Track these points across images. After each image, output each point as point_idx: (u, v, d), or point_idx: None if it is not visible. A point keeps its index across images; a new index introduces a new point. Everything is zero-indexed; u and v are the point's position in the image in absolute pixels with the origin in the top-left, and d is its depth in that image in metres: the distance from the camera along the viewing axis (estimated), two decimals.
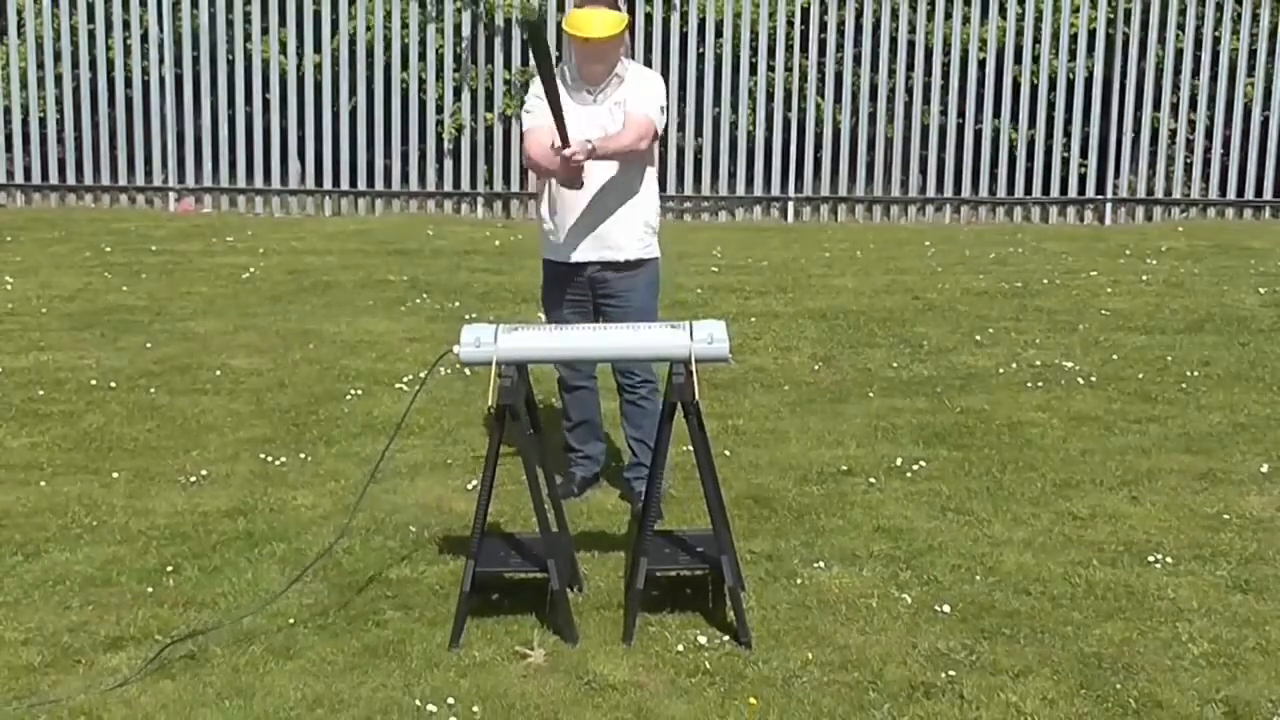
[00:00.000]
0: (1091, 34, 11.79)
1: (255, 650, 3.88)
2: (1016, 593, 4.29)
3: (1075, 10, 11.78)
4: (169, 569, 4.44)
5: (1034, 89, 11.87)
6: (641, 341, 4.01)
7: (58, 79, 12.04)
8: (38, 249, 10.00)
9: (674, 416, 3.97)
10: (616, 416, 5.18)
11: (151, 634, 3.97)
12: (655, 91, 4.75)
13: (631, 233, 4.81)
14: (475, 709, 3.57)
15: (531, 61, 11.72)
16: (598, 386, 5.15)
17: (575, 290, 4.85)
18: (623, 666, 3.79)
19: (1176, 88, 11.87)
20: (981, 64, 11.85)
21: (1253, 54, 11.80)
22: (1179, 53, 11.81)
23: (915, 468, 5.45)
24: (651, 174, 4.86)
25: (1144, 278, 9.26)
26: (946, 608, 4.16)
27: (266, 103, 12.03)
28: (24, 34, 12.06)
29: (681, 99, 11.89)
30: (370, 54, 11.90)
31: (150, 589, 4.29)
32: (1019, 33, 11.82)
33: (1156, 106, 11.86)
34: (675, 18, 11.75)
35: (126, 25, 11.95)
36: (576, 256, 4.81)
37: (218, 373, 6.78)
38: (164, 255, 9.84)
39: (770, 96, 11.89)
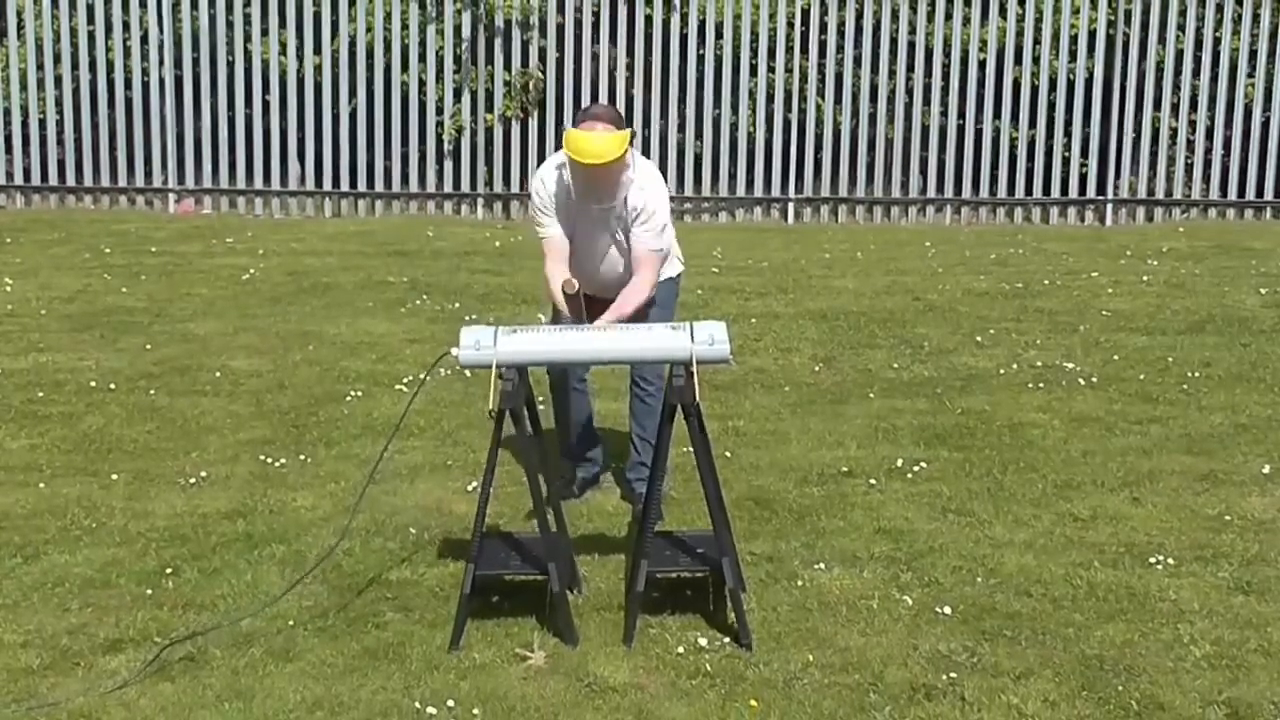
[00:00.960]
0: (1092, 35, 11.78)
1: (255, 652, 3.88)
2: (1018, 594, 4.28)
3: (1075, 11, 11.77)
4: (168, 571, 4.43)
5: (1034, 90, 11.87)
6: (642, 343, 4.01)
7: (57, 80, 12.03)
8: (37, 250, 10.00)
9: (674, 418, 3.97)
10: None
11: (151, 636, 3.97)
12: (658, 211, 4.65)
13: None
14: (475, 711, 3.57)
15: (532, 63, 11.81)
16: (591, 388, 5.14)
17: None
18: (623, 668, 3.79)
19: (1177, 88, 11.86)
20: (982, 65, 11.84)
21: (1253, 55, 11.80)
22: (1179, 53, 11.81)
23: (916, 469, 5.44)
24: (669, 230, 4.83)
25: (1145, 278, 9.25)
26: (947, 609, 4.15)
27: (266, 104, 12.03)
28: (24, 35, 12.05)
29: (682, 100, 11.89)
30: (370, 55, 11.90)
31: (150, 591, 4.29)
32: (1019, 33, 11.81)
33: (1157, 107, 11.85)
34: (675, 19, 11.75)
35: (126, 27, 11.94)
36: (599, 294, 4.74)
37: (217, 374, 6.77)
38: (164, 256, 9.84)
39: (770, 98, 11.88)
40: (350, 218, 12.04)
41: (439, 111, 12.00)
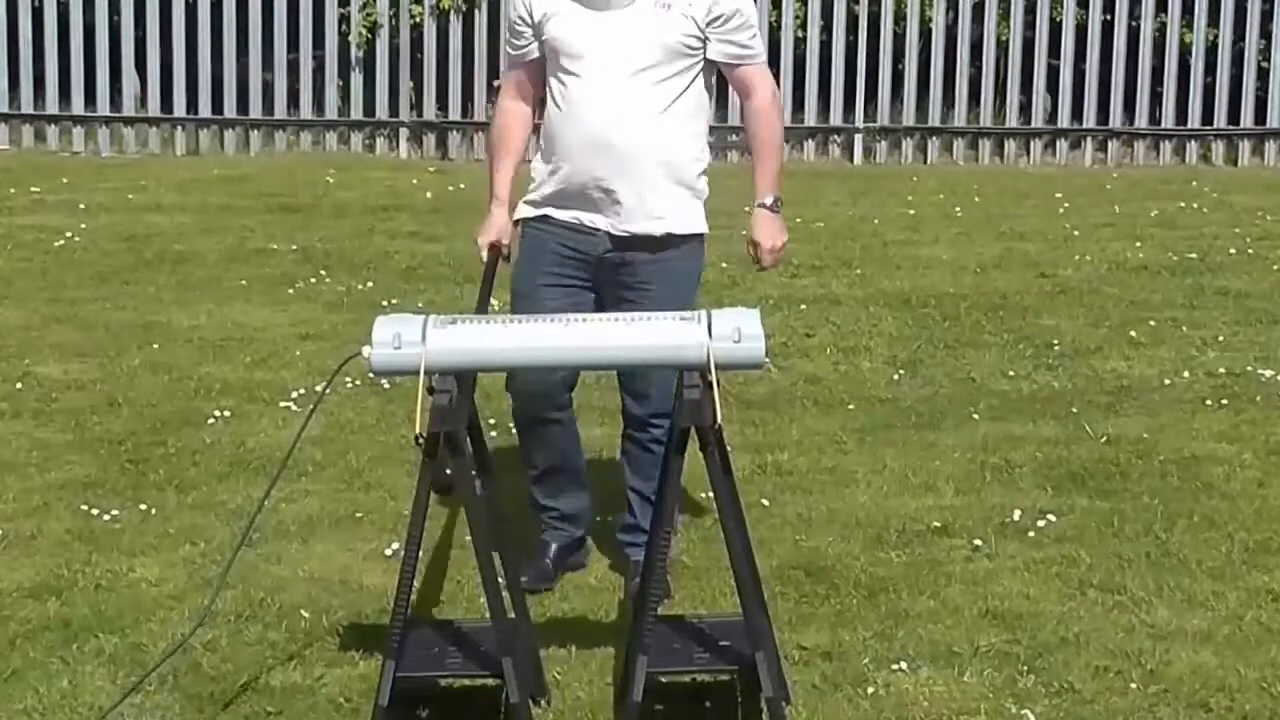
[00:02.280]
0: None
1: None
2: (1191, 708, 4.30)
3: None
4: None
5: None
6: (636, 339, 4.00)
7: None
8: None
9: (685, 448, 3.98)
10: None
11: None
12: (739, 10, 4.69)
13: (671, 192, 4.77)
14: None
15: None
16: (574, 418, 5.09)
17: (572, 270, 4.81)
18: None
19: None
20: None
21: None
22: None
23: (1041, 524, 5.46)
24: (704, 98, 4.80)
25: None
26: None
27: None
28: None
29: None
30: None
31: None
32: None
33: None
34: None
35: None
36: (587, 220, 4.75)
37: (18, 386, 6.79)
38: None
39: None
40: (213, 155, 12.06)
41: (343, 3, 12.02)
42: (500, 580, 4.09)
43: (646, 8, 4.60)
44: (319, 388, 4.80)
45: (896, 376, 7.05)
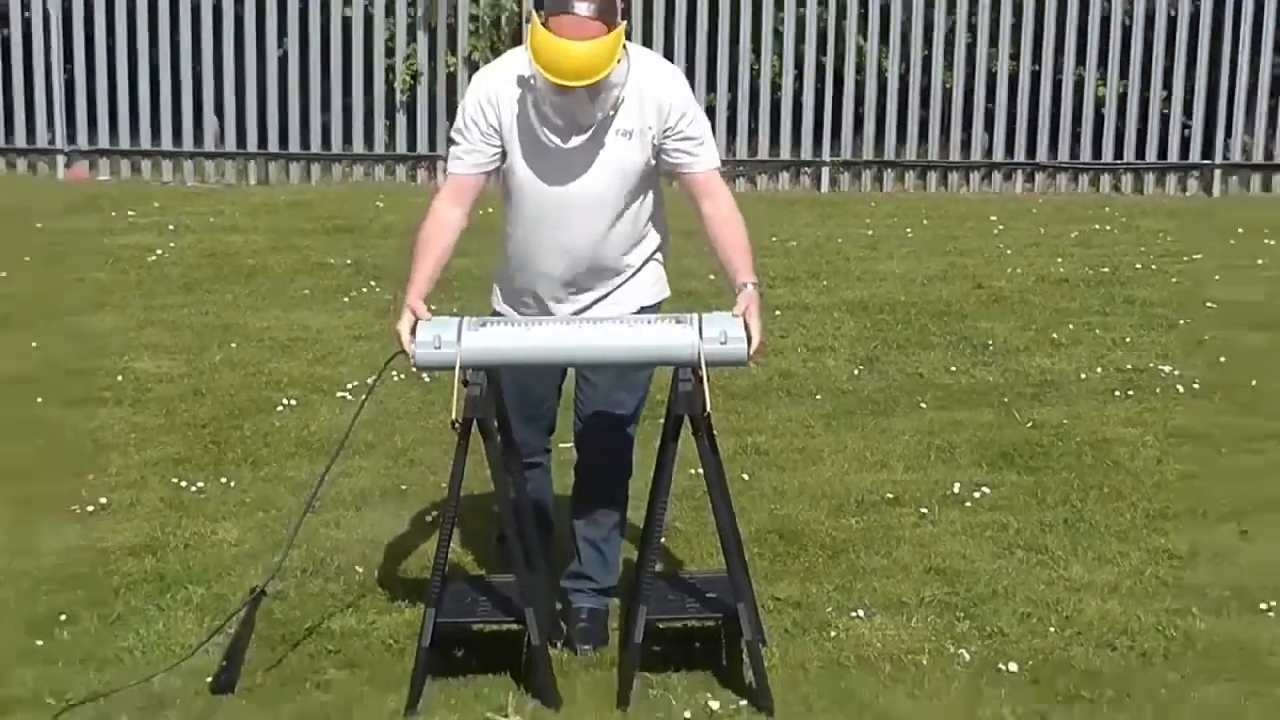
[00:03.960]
0: None
1: (169, 717, 3.93)
2: (1099, 648, 4.33)
3: None
4: (62, 618, 4.47)
5: (1127, 30, 11.92)
6: (637, 340, 4.02)
7: None
8: None
9: (679, 433, 4.00)
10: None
11: (42, 697, 4.01)
12: (698, 113, 4.09)
13: (638, 282, 4.29)
14: None
15: None
16: (549, 467, 4.65)
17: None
18: None
19: None
20: None
21: None
22: None
23: (977, 495, 5.49)
24: (658, 183, 4.23)
25: (1260, 261, 9.30)
26: (1014, 666, 4.20)
27: (176, 46, 12.06)
28: None
29: (690, 39, 11.92)
30: None
31: (40, 642, 4.33)
32: None
33: (1277, 51, 11.88)
34: None
35: None
36: (556, 309, 4.27)
37: (119, 378, 6.82)
38: (51, 234, 9.88)
39: (801, 37, 11.93)
40: (281, 185, 12.07)
41: (389, 54, 12.03)
42: (522, 538, 4.12)
43: (610, 136, 4.04)
44: (370, 381, 4.83)
45: (856, 371, 7.08)
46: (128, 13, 11.98)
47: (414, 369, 4.04)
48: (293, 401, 6.53)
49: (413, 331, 3.98)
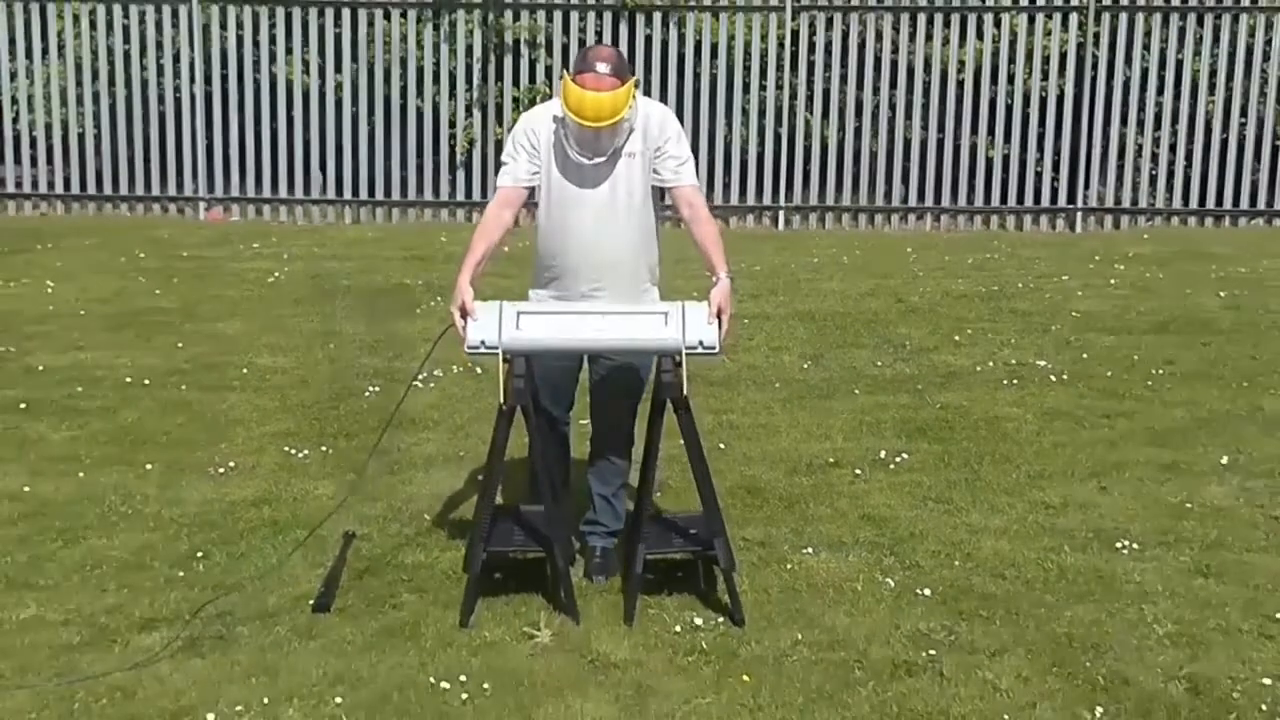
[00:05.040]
0: (1063, 55, 11.83)
1: (280, 631, 3.88)
2: (993, 577, 4.28)
3: (1048, 33, 11.81)
4: (199, 554, 4.43)
5: (1009, 106, 11.89)
6: (634, 333, 3.99)
7: (95, 96, 12.08)
8: (77, 255, 10.00)
9: (665, 410, 3.97)
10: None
11: (183, 615, 3.97)
12: (683, 140, 4.13)
13: (643, 285, 4.26)
14: (486, 686, 3.57)
15: (539, 80, 11.80)
16: (568, 431, 4.50)
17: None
18: (624, 646, 3.79)
19: (1142, 105, 11.89)
20: (960, 83, 11.86)
21: (1213, 74, 11.81)
22: (1145, 72, 11.83)
23: (898, 460, 5.44)
24: (656, 210, 4.23)
25: (1112, 281, 9.26)
26: (927, 591, 4.15)
27: (290, 119, 12.06)
28: (64, 55, 12.10)
29: (680, 115, 11.88)
30: (388, 74, 11.93)
31: (181, 573, 4.29)
32: (995, 54, 11.84)
33: (1124, 123, 11.88)
34: (674, 39, 11.78)
35: (159, 46, 11.98)
36: (583, 295, 4.18)
37: (244, 371, 6.77)
38: (194, 261, 9.84)
39: (763, 113, 11.91)
40: (368, 224, 12.05)
41: (452, 125, 12.02)
42: (547, 479, 4.08)
43: (620, 158, 4.07)
44: (430, 345, 4.73)
45: (806, 365, 7.03)
46: (254, 93, 11.96)
47: (468, 358, 3.99)
48: (376, 388, 6.47)
49: (461, 310, 4.02)
